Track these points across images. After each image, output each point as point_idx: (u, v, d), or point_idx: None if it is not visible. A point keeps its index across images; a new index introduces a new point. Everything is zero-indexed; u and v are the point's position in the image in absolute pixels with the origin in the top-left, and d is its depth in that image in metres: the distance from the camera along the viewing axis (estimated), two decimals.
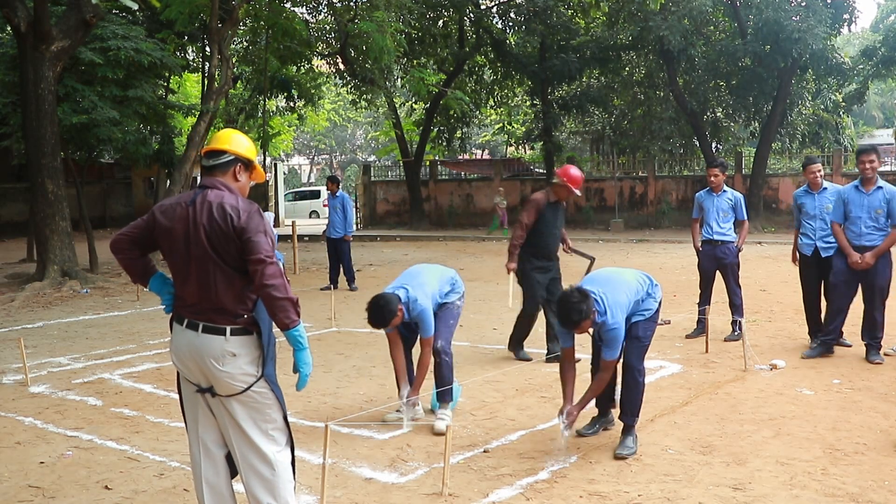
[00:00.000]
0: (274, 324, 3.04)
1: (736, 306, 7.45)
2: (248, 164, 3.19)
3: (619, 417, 4.52)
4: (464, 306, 5.33)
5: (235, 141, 3.17)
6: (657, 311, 4.59)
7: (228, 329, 3.00)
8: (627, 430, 4.46)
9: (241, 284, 3.01)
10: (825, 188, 6.96)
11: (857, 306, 6.53)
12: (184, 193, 3.16)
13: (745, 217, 7.50)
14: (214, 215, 2.98)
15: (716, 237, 7.39)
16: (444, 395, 4.97)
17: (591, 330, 4.36)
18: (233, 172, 3.14)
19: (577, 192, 6.51)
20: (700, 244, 7.56)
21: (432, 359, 4.97)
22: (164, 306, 3.20)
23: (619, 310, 4.26)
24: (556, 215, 6.61)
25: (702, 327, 7.28)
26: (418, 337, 5.00)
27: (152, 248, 3.17)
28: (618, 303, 4.27)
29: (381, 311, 4.69)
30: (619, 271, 4.62)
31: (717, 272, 7.52)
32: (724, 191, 7.44)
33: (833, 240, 6.67)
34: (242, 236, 2.96)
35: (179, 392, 3.25)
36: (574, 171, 6.54)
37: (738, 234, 7.49)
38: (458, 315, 5.20)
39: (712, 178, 7.41)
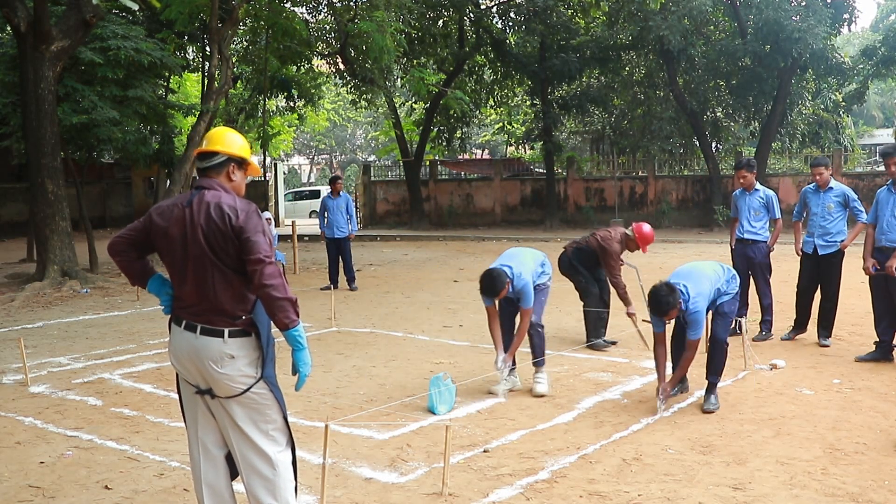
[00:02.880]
0: (273, 324, 3.04)
1: (764, 307, 7.42)
2: (241, 163, 3.18)
3: (707, 377, 5.29)
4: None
5: (227, 141, 3.16)
6: (738, 293, 5.44)
7: (227, 331, 2.99)
8: (712, 387, 5.27)
9: (239, 285, 3.01)
10: (831, 187, 7.06)
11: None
12: (180, 195, 3.15)
13: (778, 215, 7.39)
14: (212, 215, 2.98)
15: (746, 236, 7.37)
16: (538, 362, 5.73)
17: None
18: (227, 172, 3.14)
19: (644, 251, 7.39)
20: (733, 243, 7.57)
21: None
22: (162, 307, 3.20)
23: (701, 298, 5.03)
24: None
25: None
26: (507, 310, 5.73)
27: (150, 249, 3.17)
28: (700, 293, 5.05)
29: (493, 282, 5.34)
30: (700, 265, 5.39)
31: (749, 272, 7.51)
32: (756, 189, 7.39)
33: (829, 239, 7.03)
34: (241, 236, 2.95)
35: (179, 393, 3.25)
36: (646, 228, 7.36)
37: (771, 233, 7.45)
38: (548, 294, 5.90)
39: (741, 180, 7.39)
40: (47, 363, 6.92)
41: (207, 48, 18.32)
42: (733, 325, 7.32)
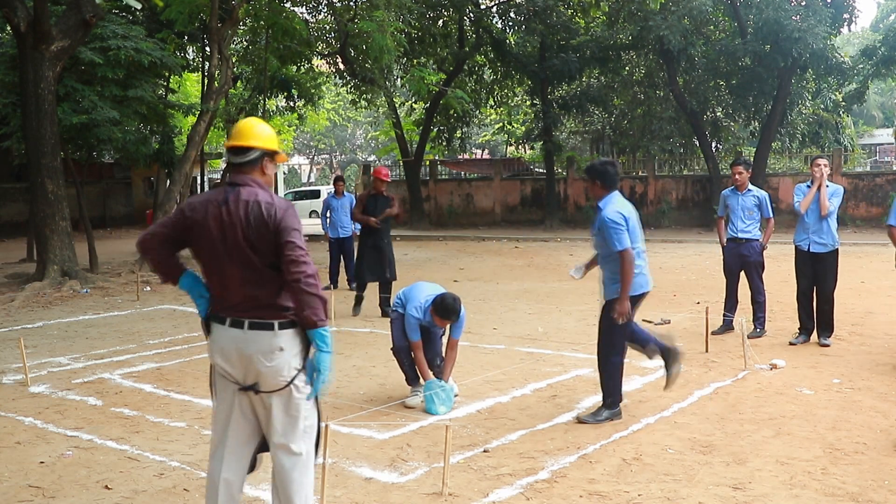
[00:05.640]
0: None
1: (759, 304, 7.52)
2: (273, 155, 3.17)
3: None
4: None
5: (260, 134, 3.12)
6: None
7: (276, 323, 2.99)
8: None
9: (281, 279, 3.01)
10: (826, 185, 7.06)
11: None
12: (212, 191, 3.11)
13: (771, 215, 7.50)
14: (252, 213, 2.97)
15: (740, 235, 7.44)
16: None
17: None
18: (261, 167, 3.12)
19: (381, 177, 9.04)
20: (725, 242, 7.63)
21: None
22: (199, 311, 3.16)
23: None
24: (376, 204, 9.03)
25: (728, 326, 7.58)
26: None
27: (182, 246, 3.13)
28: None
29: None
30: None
31: (742, 271, 7.60)
32: (749, 189, 7.47)
33: (822, 239, 6.96)
34: (280, 234, 2.95)
35: (212, 391, 3.20)
36: (381, 171, 9.20)
37: (763, 232, 7.53)
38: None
39: (737, 176, 7.45)
40: (47, 363, 6.91)
41: (207, 48, 18.33)
42: (755, 327, 7.42)
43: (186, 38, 21.36)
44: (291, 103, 24.78)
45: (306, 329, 2.98)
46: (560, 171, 26.00)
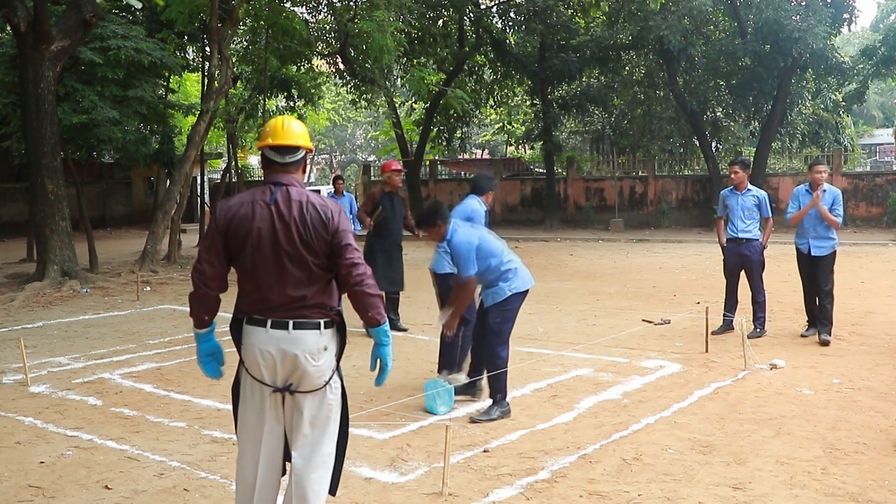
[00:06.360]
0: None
1: (759, 304, 7.54)
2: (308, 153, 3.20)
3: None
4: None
5: (304, 133, 3.12)
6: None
7: (322, 322, 3.01)
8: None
9: (328, 279, 3.03)
10: (824, 189, 7.08)
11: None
12: (252, 191, 3.04)
13: (770, 214, 7.54)
14: (309, 214, 2.96)
15: (741, 235, 7.46)
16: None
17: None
18: (304, 166, 3.14)
19: (395, 169, 8.19)
20: (725, 242, 7.65)
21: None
22: (205, 370, 3.14)
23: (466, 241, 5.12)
24: (391, 204, 8.22)
25: (728, 326, 7.59)
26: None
27: (231, 261, 3.05)
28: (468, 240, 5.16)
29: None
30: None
31: (742, 271, 7.63)
32: (749, 189, 7.49)
33: (822, 242, 7.03)
34: (336, 237, 2.98)
35: (236, 401, 3.14)
36: (393, 164, 8.36)
37: (762, 232, 7.55)
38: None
39: (732, 176, 7.47)
40: (47, 363, 6.91)
41: (207, 48, 18.31)
42: (755, 327, 7.42)
43: (186, 38, 21.31)
44: (291, 103, 24.78)
45: (370, 327, 3.04)
46: (560, 171, 26.00)
